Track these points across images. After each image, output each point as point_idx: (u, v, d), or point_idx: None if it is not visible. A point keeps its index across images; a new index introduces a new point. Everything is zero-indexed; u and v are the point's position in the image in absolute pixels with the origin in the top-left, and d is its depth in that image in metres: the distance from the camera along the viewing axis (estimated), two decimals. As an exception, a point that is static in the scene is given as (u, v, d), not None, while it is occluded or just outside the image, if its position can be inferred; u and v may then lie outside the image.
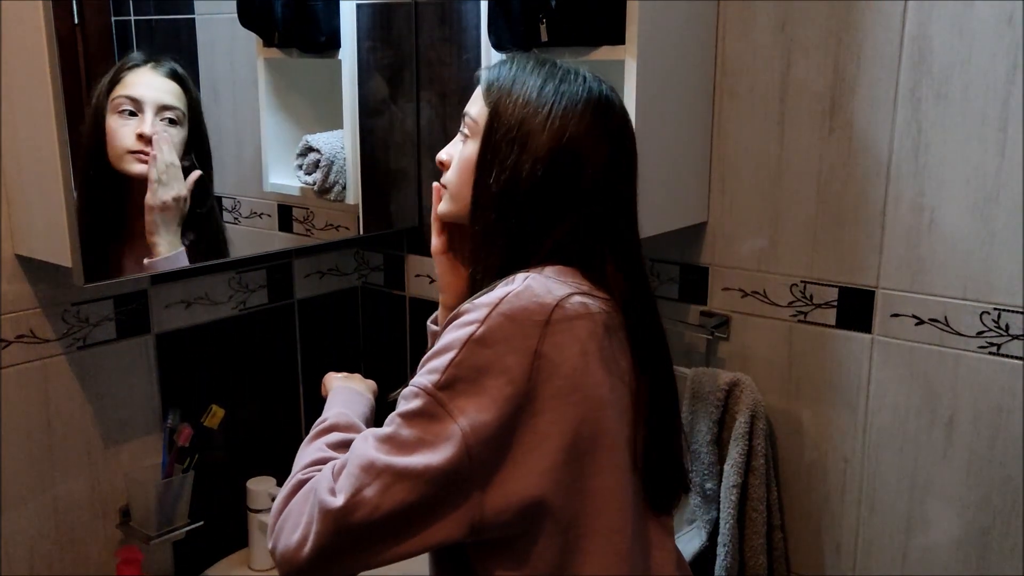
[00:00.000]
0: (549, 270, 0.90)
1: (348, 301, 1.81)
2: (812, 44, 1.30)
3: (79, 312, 1.36)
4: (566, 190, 0.91)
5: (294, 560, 0.84)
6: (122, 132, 1.29)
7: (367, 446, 0.85)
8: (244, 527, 1.57)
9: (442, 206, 1.02)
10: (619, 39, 1.22)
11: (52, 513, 1.38)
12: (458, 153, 0.99)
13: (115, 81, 1.29)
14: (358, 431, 1.01)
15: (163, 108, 1.32)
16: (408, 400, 0.85)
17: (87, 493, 1.41)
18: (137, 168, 1.30)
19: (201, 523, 1.47)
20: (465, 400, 0.82)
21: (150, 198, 1.30)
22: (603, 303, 0.90)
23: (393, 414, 0.86)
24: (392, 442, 0.83)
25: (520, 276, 0.88)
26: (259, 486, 1.56)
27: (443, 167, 1.01)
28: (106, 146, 1.29)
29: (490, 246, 0.93)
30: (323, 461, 0.93)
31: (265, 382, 1.66)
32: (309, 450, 0.97)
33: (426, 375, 0.84)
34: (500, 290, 0.86)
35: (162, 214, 1.32)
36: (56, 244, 1.20)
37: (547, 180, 0.90)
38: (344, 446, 0.96)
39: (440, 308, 1.11)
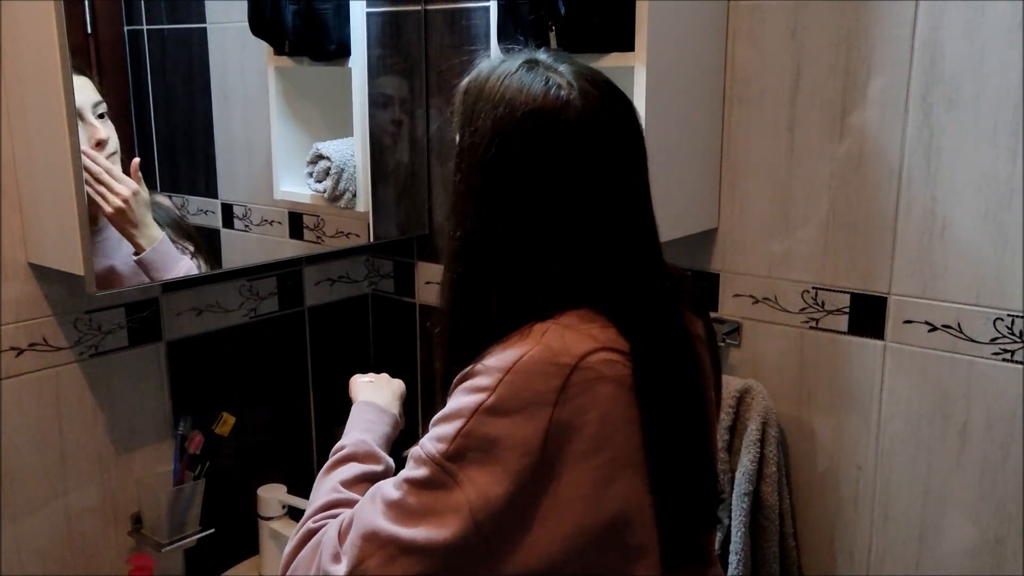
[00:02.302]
0: (568, 317, 0.82)
1: (358, 308, 1.81)
2: (822, 50, 1.30)
3: (91, 320, 1.37)
4: (527, 223, 0.83)
5: None
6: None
7: (374, 511, 0.82)
8: (255, 534, 1.57)
9: None
10: (629, 46, 1.22)
11: (64, 520, 1.38)
12: None
13: None
14: (376, 461, 0.99)
15: (95, 105, 1.27)
16: (417, 466, 0.81)
17: (99, 500, 1.42)
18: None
19: (212, 530, 1.48)
20: (476, 470, 0.78)
21: (105, 211, 1.27)
22: (625, 356, 0.81)
23: (401, 477, 0.83)
24: (398, 509, 0.80)
25: (538, 329, 0.81)
26: (270, 493, 1.56)
27: None
28: None
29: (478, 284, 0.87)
30: (335, 505, 0.91)
31: (276, 389, 1.66)
32: (323, 488, 0.95)
33: (434, 442, 0.80)
34: (513, 351, 0.80)
35: (123, 216, 1.29)
36: (68, 252, 1.20)
37: (496, 219, 0.84)
38: (360, 481, 0.95)
39: None
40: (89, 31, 1.25)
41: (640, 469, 0.82)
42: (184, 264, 1.38)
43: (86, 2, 1.24)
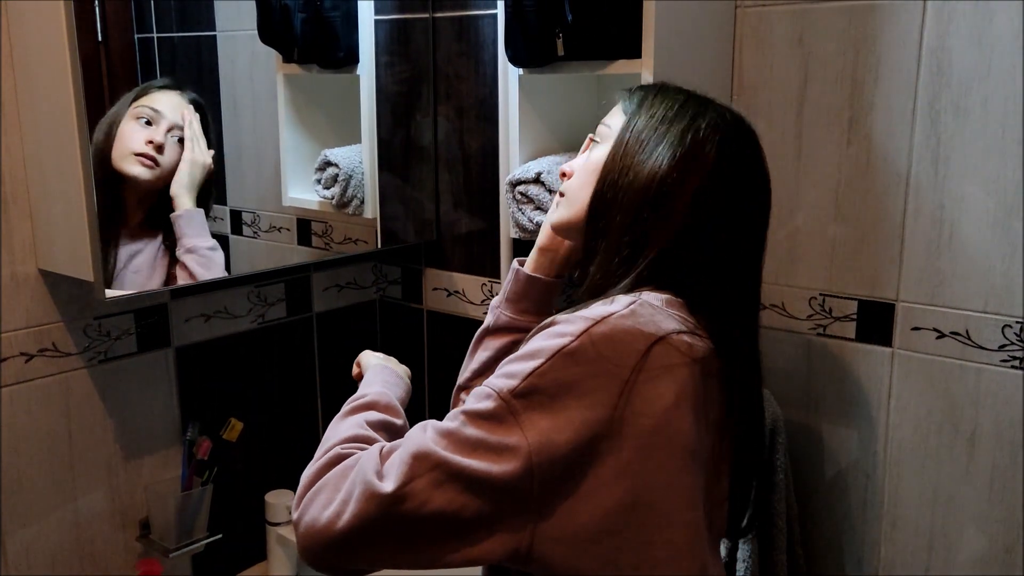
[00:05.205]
0: (656, 297, 0.84)
1: (366, 314, 1.81)
2: (829, 57, 1.30)
3: (100, 326, 1.37)
4: (691, 202, 0.86)
5: (322, 536, 0.78)
6: (134, 135, 1.32)
7: (425, 436, 0.79)
8: (263, 540, 1.57)
9: (557, 213, 0.98)
10: (635, 53, 1.22)
11: (73, 525, 1.39)
12: (583, 160, 0.97)
13: (143, 94, 1.34)
14: (396, 414, 0.97)
15: (178, 127, 1.36)
16: (479, 399, 0.79)
17: (107, 505, 1.42)
18: (136, 170, 1.33)
19: (220, 536, 1.48)
20: (540, 415, 0.76)
21: (190, 154, 1.36)
22: (707, 344, 0.84)
23: (457, 410, 0.80)
24: (453, 438, 0.77)
25: (624, 299, 0.82)
26: (278, 499, 1.56)
27: (565, 177, 0.99)
28: (112, 150, 1.31)
29: (604, 251, 0.89)
30: (363, 439, 0.88)
31: (284, 395, 1.67)
32: (345, 424, 0.92)
33: (504, 378, 0.78)
34: (601, 308, 0.81)
35: (192, 170, 1.37)
36: (78, 258, 1.21)
37: (674, 184, 0.86)
38: (384, 428, 0.92)
39: (536, 252, 1.07)
40: (100, 39, 1.26)
41: (694, 459, 0.82)
42: (206, 242, 1.42)
43: (97, 10, 1.25)
